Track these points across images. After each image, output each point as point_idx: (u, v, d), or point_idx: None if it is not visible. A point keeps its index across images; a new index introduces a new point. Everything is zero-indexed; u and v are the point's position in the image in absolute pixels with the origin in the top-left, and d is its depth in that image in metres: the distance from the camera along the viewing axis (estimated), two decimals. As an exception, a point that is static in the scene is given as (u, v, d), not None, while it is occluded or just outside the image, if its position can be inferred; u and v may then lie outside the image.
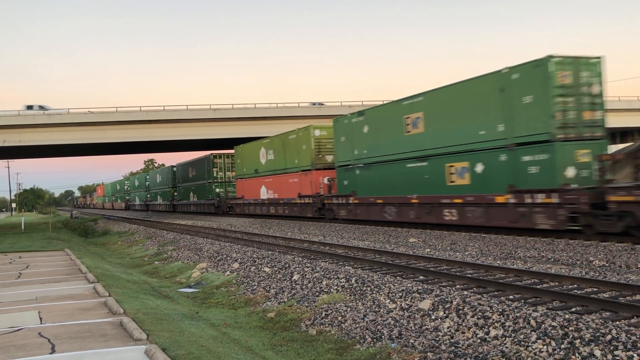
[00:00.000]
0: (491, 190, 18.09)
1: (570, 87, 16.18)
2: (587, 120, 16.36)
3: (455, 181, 19.90)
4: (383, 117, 24.03)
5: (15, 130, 39.77)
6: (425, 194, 21.15)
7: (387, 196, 23.44)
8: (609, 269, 11.50)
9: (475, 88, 18.80)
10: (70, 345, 6.99)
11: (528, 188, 16.67)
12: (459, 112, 19.47)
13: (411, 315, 8.72)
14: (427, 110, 21.06)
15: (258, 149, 37.58)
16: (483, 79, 18.55)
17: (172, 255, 20.60)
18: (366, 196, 25.08)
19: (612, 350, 6.18)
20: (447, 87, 20.31)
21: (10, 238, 30.39)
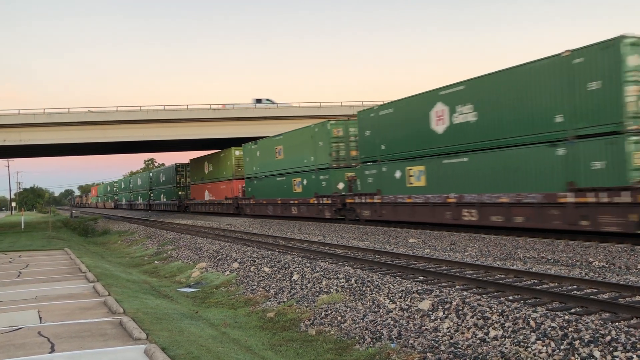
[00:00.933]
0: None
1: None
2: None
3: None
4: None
5: (15, 130, 39.74)
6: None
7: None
8: (608, 270, 11.50)
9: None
10: (70, 344, 6.99)
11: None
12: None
13: (411, 315, 8.72)
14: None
15: (203, 161, 49.86)
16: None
17: (171, 254, 20.60)
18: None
19: (611, 352, 6.18)
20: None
21: (10, 237, 30.39)
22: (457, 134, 19.48)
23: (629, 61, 13.93)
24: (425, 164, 21.20)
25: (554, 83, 15.76)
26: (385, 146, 23.70)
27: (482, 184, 18.38)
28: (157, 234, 28.89)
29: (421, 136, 21.33)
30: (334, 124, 28.84)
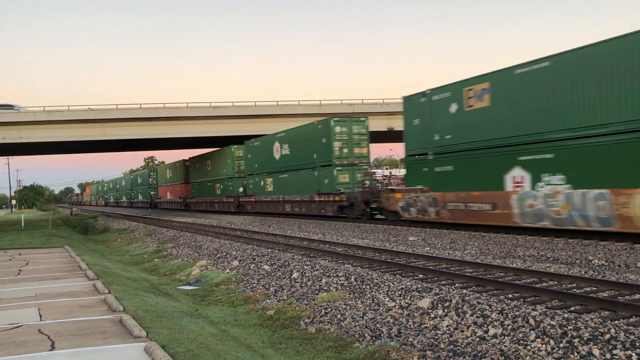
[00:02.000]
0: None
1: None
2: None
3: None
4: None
5: (15, 127, 39.74)
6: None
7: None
8: (608, 268, 11.51)
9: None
10: (70, 342, 7.00)
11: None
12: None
13: (410, 313, 8.73)
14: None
15: (165, 169, 67.18)
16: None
17: (171, 252, 20.62)
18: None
19: (610, 350, 6.19)
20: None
21: (10, 235, 30.40)
22: (284, 161, 34.53)
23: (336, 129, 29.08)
24: (272, 177, 36.17)
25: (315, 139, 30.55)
26: (257, 165, 38.68)
27: (292, 190, 32.93)
28: (157, 232, 28.90)
29: (269, 161, 36.75)
30: (236, 148, 43.16)
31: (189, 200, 55.46)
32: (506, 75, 17.80)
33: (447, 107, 20.25)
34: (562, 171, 15.80)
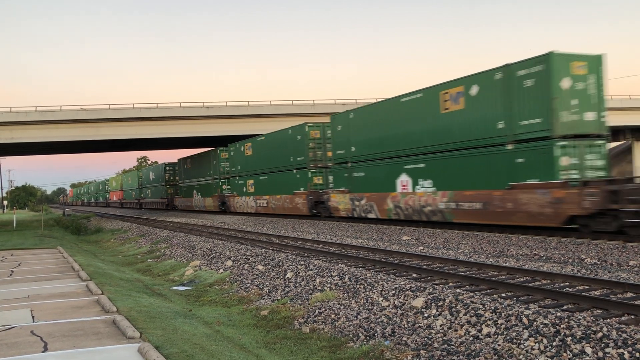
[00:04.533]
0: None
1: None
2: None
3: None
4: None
5: (7, 127, 39.47)
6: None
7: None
8: (600, 267, 11.58)
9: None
10: (63, 343, 6.97)
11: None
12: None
13: (404, 313, 8.75)
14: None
15: (119, 178, 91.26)
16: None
17: (165, 253, 20.56)
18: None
19: (603, 348, 6.23)
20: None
21: (2, 236, 30.20)
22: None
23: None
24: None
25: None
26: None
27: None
28: (150, 232, 28.80)
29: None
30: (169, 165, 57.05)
31: (125, 201, 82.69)
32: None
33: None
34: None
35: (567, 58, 16.34)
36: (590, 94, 16.47)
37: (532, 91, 16.67)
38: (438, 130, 20.53)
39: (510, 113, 17.39)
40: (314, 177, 31.10)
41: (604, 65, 16.71)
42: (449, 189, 19.91)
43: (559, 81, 16.05)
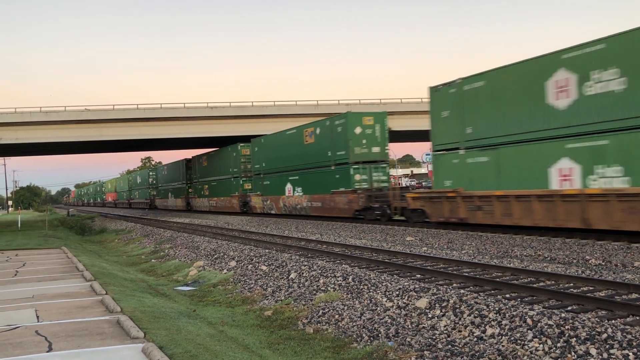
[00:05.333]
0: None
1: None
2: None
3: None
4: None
5: (12, 128, 39.62)
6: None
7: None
8: (605, 268, 11.54)
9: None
10: (67, 343, 6.99)
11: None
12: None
13: (408, 313, 8.74)
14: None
15: (113, 180, 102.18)
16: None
17: (169, 253, 20.59)
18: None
19: (607, 349, 6.21)
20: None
21: (7, 236, 30.32)
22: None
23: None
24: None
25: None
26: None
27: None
28: (154, 233, 28.85)
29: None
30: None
31: (131, 201, 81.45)
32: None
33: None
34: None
35: (359, 115, 27.82)
36: (376, 136, 27.68)
37: (341, 134, 27.92)
38: (303, 155, 31.75)
39: (332, 147, 28.69)
40: (245, 183, 41.35)
41: (386, 118, 28.22)
42: (308, 193, 30.94)
43: (353, 129, 27.35)
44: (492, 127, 18.53)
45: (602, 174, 15.13)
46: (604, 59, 14.99)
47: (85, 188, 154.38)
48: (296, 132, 32.49)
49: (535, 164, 16.96)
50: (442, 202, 20.41)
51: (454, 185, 20.09)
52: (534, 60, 17.19)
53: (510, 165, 17.88)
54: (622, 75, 14.56)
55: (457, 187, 19.88)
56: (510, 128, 17.82)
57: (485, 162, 18.84)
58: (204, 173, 49.43)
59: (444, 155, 20.74)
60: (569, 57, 15.95)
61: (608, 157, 14.92)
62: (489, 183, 18.58)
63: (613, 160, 14.79)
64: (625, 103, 14.47)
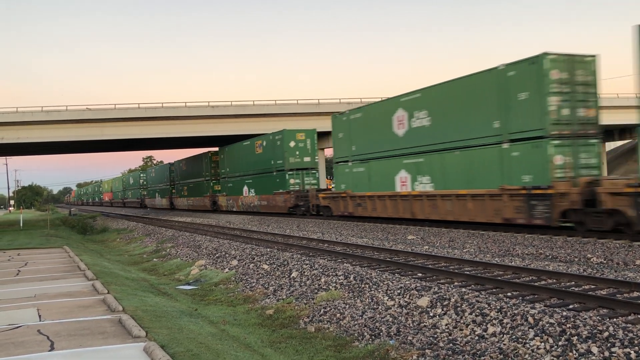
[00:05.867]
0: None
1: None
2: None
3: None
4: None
5: (13, 127, 39.66)
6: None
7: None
8: (606, 266, 11.54)
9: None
10: (69, 342, 7.00)
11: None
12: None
13: (409, 312, 8.74)
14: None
15: (110, 182, 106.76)
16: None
17: (170, 252, 20.61)
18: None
19: (609, 347, 6.20)
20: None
21: (9, 235, 30.37)
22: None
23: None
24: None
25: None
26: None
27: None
28: (156, 232, 28.88)
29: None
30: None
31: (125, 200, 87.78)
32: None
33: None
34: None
35: (293, 132, 35.12)
36: (307, 148, 35.14)
37: (279, 147, 35.27)
38: (256, 162, 38.83)
39: (274, 156, 35.87)
40: (215, 185, 47.95)
41: (315, 134, 35.57)
42: (258, 194, 37.91)
43: (288, 143, 34.67)
44: (366, 147, 25.86)
45: (421, 181, 22.02)
46: (420, 104, 21.99)
47: (85, 188, 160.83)
48: (250, 144, 39.89)
49: (387, 173, 24.04)
50: (339, 200, 27.73)
51: (346, 188, 27.33)
52: (386, 100, 24.89)
53: (375, 174, 25.08)
54: (429, 115, 21.48)
55: (347, 189, 27.14)
56: (375, 147, 25.07)
57: (362, 172, 26.17)
58: (184, 176, 55.94)
59: (340, 165, 28.07)
60: (404, 100, 22.95)
61: (423, 170, 21.84)
62: (364, 187, 25.87)
63: (425, 172, 21.73)
64: (430, 134, 21.35)
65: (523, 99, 16.97)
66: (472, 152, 19.22)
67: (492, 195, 18.05)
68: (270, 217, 34.04)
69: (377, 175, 24.79)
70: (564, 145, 16.45)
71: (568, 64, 16.57)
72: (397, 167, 23.30)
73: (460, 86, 19.78)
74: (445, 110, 20.53)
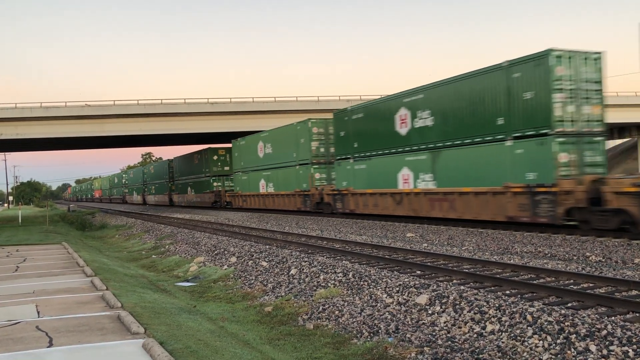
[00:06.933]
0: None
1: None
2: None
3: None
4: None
5: (12, 123, 39.60)
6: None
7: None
8: (605, 265, 11.55)
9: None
10: (68, 338, 7.00)
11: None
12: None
13: (408, 310, 8.75)
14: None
15: (100, 180, 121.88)
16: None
17: (169, 249, 20.61)
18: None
19: (607, 346, 6.21)
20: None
21: (8, 231, 30.35)
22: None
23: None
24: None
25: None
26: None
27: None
28: (155, 228, 28.88)
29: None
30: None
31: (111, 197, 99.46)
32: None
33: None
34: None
35: (216, 149, 44.40)
36: (227, 161, 43.79)
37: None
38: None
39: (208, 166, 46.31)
40: (172, 186, 59.20)
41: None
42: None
43: (212, 156, 45.12)
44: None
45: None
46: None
47: (79, 185, 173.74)
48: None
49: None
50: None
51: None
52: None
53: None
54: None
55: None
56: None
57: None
58: (151, 178, 68.72)
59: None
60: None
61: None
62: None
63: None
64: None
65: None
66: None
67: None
68: (269, 215, 34.03)
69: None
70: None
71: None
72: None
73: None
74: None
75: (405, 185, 22.60)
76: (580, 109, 16.46)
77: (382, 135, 24.29)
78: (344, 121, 27.40)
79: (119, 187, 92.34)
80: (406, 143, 22.57)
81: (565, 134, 16.18)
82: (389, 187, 23.59)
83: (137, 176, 78.56)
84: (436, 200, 20.77)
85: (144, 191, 72.37)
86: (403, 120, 22.78)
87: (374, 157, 24.77)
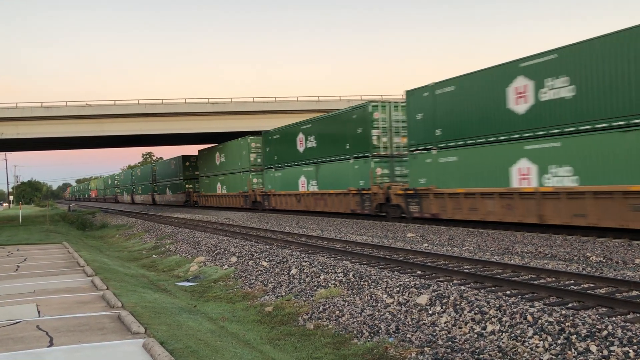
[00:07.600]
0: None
1: None
2: None
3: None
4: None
5: (13, 123, 39.61)
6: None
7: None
8: (605, 265, 11.55)
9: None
10: (68, 338, 7.00)
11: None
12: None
13: (408, 310, 8.75)
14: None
15: (96, 181, 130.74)
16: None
17: (170, 248, 20.61)
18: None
19: (608, 346, 6.21)
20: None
21: (8, 231, 30.37)
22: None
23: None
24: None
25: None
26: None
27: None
28: (155, 228, 28.88)
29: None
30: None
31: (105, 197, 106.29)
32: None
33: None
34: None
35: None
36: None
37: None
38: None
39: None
40: (154, 186, 66.87)
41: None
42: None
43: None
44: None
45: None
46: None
47: (77, 186, 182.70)
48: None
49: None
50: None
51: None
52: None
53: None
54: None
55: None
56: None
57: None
58: (138, 180, 75.98)
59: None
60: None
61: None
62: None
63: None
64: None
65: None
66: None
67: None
68: (269, 215, 34.03)
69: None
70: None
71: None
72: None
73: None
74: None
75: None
76: (392, 139, 25.28)
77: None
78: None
79: (112, 187, 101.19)
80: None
81: (380, 156, 25.18)
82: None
83: (127, 178, 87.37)
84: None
85: (132, 191, 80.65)
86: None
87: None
